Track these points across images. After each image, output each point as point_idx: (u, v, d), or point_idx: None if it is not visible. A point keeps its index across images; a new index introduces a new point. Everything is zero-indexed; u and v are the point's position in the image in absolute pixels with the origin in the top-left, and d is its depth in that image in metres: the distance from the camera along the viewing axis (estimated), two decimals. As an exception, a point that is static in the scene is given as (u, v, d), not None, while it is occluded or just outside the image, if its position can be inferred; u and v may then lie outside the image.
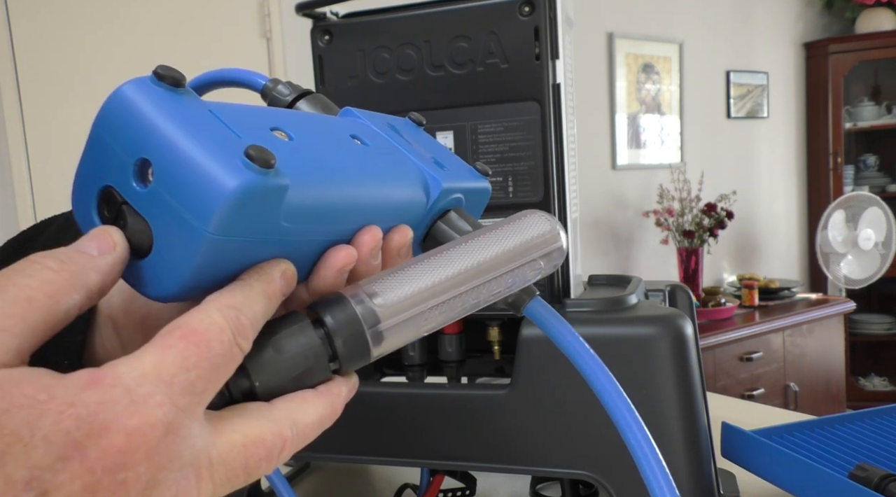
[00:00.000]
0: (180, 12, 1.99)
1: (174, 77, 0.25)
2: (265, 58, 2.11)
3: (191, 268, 0.24)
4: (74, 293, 0.23)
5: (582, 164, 0.66)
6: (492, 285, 0.30)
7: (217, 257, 0.25)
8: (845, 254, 3.14)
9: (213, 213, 0.23)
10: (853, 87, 3.72)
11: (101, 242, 0.25)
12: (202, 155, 0.24)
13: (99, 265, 0.24)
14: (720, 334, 2.63)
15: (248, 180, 0.23)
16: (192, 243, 0.24)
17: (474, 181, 0.37)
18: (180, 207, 0.24)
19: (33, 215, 1.85)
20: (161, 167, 0.24)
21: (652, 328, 0.54)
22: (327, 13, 0.67)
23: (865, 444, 0.67)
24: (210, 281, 0.26)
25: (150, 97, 0.25)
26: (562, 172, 0.62)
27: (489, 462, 0.59)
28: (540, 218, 0.32)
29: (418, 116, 0.38)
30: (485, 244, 0.31)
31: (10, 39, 1.80)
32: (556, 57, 0.61)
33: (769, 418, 0.79)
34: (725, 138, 3.37)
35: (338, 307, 0.27)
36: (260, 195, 0.24)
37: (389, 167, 0.33)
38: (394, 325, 0.28)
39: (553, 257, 0.32)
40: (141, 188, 0.25)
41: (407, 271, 0.29)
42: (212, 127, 0.25)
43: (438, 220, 0.35)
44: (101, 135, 0.25)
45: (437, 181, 0.34)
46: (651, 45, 3.04)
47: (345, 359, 0.28)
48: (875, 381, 3.61)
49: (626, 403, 0.30)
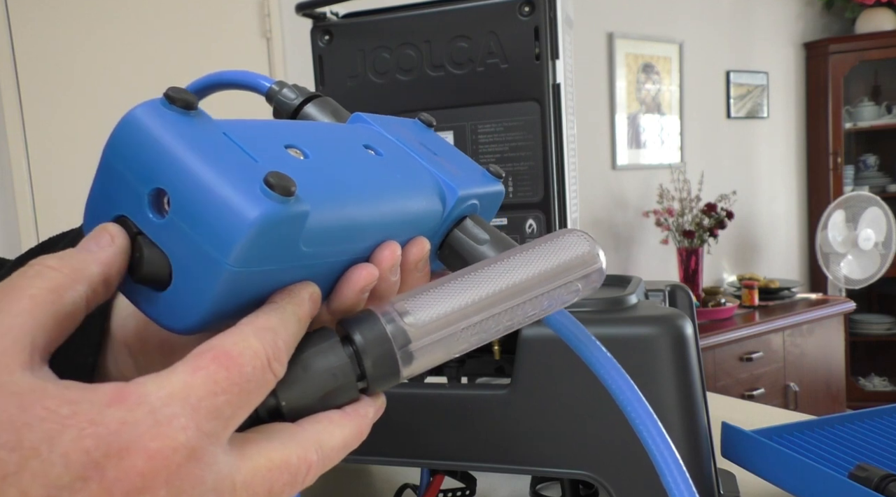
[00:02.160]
0: (180, 12, 1.99)
1: (186, 100, 0.24)
2: (265, 58, 2.11)
3: (211, 300, 0.24)
4: (78, 285, 0.23)
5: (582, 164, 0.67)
6: (526, 307, 0.29)
7: (237, 288, 0.24)
8: (845, 254, 3.14)
9: (233, 245, 0.22)
10: (853, 87, 3.72)
11: (99, 237, 0.24)
12: (221, 184, 0.23)
13: (99, 257, 0.24)
14: (720, 334, 2.63)
15: (269, 210, 0.23)
16: (213, 276, 0.23)
17: (489, 185, 0.36)
18: (199, 239, 0.23)
19: (33, 216, 1.85)
20: (178, 197, 0.23)
21: (652, 328, 0.54)
22: (327, 13, 0.67)
23: (865, 444, 0.67)
24: (230, 311, 0.25)
25: (163, 123, 0.24)
26: (562, 172, 0.62)
27: (489, 462, 0.59)
28: (579, 238, 0.31)
29: (428, 117, 0.38)
30: (521, 264, 0.30)
31: (10, 39, 1.80)
32: (556, 57, 0.61)
33: (769, 418, 0.79)
34: (725, 138, 3.37)
35: (367, 325, 0.27)
36: (281, 224, 0.23)
37: (405, 178, 0.32)
38: (425, 346, 0.27)
39: (592, 279, 0.31)
40: (157, 219, 0.24)
41: (440, 290, 0.28)
42: (228, 152, 0.24)
43: (455, 228, 0.34)
44: (113, 163, 0.24)
45: (454, 189, 0.33)
46: (651, 45, 3.04)
47: (373, 379, 0.27)
48: (875, 381, 3.61)
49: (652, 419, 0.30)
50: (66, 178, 1.83)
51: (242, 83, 0.39)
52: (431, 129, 0.38)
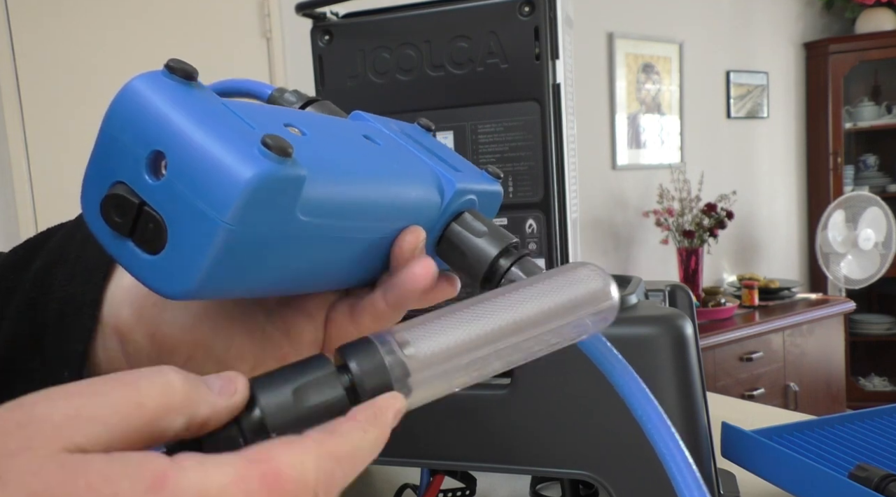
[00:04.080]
0: (180, 12, 1.99)
1: (186, 70, 0.25)
2: (265, 58, 2.11)
3: (207, 262, 0.24)
4: (180, 417, 0.23)
5: (582, 164, 0.67)
6: (532, 343, 0.28)
7: (234, 252, 0.24)
8: (845, 254, 3.14)
9: (231, 202, 0.23)
10: (853, 87, 3.72)
11: (226, 384, 0.24)
12: (218, 144, 0.23)
13: (214, 402, 0.23)
14: (720, 334, 2.63)
15: (266, 169, 0.23)
16: (209, 235, 0.23)
17: (486, 184, 0.37)
18: (196, 198, 0.23)
19: (33, 215, 1.85)
20: (175, 158, 0.23)
21: (652, 328, 0.54)
22: (327, 13, 0.67)
23: (865, 444, 0.67)
24: (227, 279, 0.25)
25: (162, 90, 0.24)
26: (562, 172, 0.62)
27: (489, 462, 0.59)
28: (591, 272, 0.30)
29: (427, 122, 0.38)
30: (529, 297, 0.28)
31: (10, 39, 1.80)
32: (556, 57, 0.61)
33: (769, 418, 0.79)
34: (725, 138, 3.37)
35: (365, 354, 0.26)
36: (278, 184, 0.23)
37: (403, 167, 0.33)
38: (424, 379, 0.26)
39: (603, 316, 0.29)
40: (154, 181, 0.24)
41: (443, 321, 0.27)
42: (226, 118, 0.25)
43: (453, 222, 0.34)
44: (112, 131, 0.25)
45: (451, 181, 0.33)
46: (651, 45, 3.04)
47: None
48: (875, 381, 3.61)
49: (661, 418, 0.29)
50: (66, 177, 1.83)
51: (244, 90, 0.40)
52: (430, 133, 0.38)
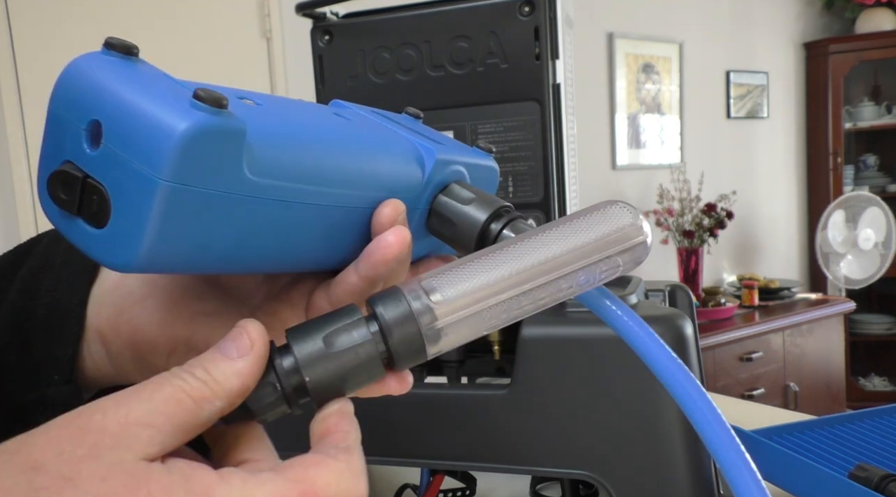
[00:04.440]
0: (180, 12, 1.99)
1: (125, 45, 0.25)
2: (265, 58, 2.11)
3: (151, 225, 0.23)
4: (217, 400, 0.24)
5: (582, 164, 0.67)
6: (561, 283, 0.28)
7: (180, 213, 0.23)
8: (845, 254, 3.13)
9: (164, 157, 0.22)
10: (853, 87, 3.72)
11: (239, 340, 0.25)
12: (149, 102, 0.23)
13: (239, 369, 0.25)
14: (720, 334, 2.62)
15: (198, 120, 0.23)
16: (149, 195, 0.23)
17: (476, 157, 0.36)
18: (132, 159, 0.23)
19: (33, 215, 1.85)
20: (109, 123, 0.23)
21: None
22: (327, 13, 0.67)
23: (865, 444, 0.67)
24: (181, 247, 0.24)
25: (101, 65, 0.24)
26: (562, 172, 0.62)
27: (489, 462, 0.59)
28: (622, 209, 0.29)
29: (415, 110, 0.37)
30: (558, 237, 0.28)
31: (10, 39, 1.80)
32: (556, 57, 0.61)
33: (769, 418, 0.79)
34: (725, 138, 3.37)
35: (392, 302, 0.26)
36: (212, 135, 0.23)
37: (375, 137, 0.32)
38: (451, 323, 0.26)
39: (635, 253, 0.29)
40: (93, 151, 0.24)
41: (470, 266, 0.27)
42: (162, 83, 0.24)
43: (440, 194, 0.33)
44: (56, 111, 0.25)
45: (431, 151, 0.32)
46: (651, 45, 3.04)
47: (398, 357, 0.27)
48: (875, 381, 3.61)
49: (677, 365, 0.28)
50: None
51: None
52: (419, 120, 0.38)
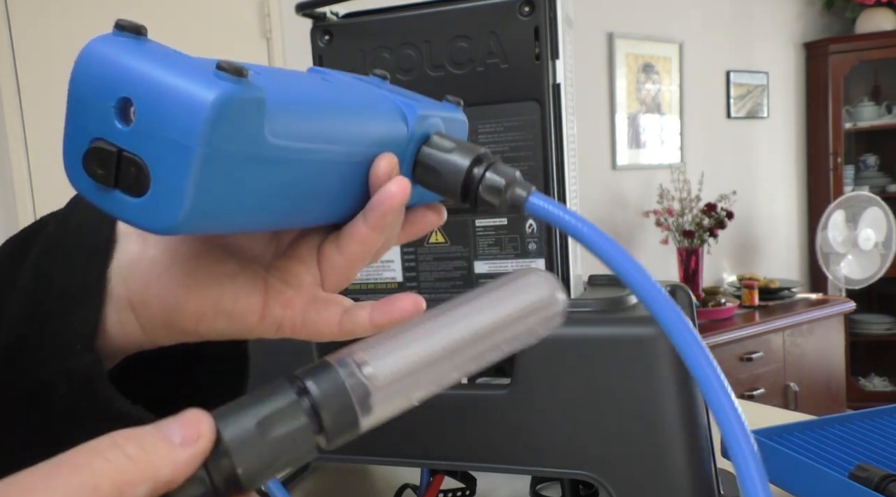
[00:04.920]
0: (180, 12, 1.99)
1: (135, 26, 0.26)
2: (265, 58, 2.11)
3: (190, 188, 0.25)
4: (142, 485, 0.22)
5: (582, 164, 0.66)
6: (486, 353, 0.29)
7: (213, 176, 0.25)
8: (845, 254, 3.13)
9: (198, 125, 0.24)
10: (853, 87, 3.72)
11: (188, 431, 0.24)
12: (178, 76, 0.25)
13: (176, 458, 0.23)
14: (720, 334, 2.63)
15: (225, 89, 0.25)
16: (186, 162, 0.25)
17: (448, 111, 0.38)
18: (167, 130, 0.25)
19: (33, 215, 1.85)
20: (141, 99, 0.25)
21: (652, 328, 0.54)
22: (327, 13, 0.67)
23: (865, 444, 0.67)
24: (214, 209, 0.26)
25: (117, 44, 0.26)
26: (562, 172, 0.62)
27: (489, 462, 0.59)
28: (538, 279, 0.31)
29: (383, 72, 0.39)
30: (479, 309, 0.29)
31: (10, 39, 1.80)
32: (556, 57, 0.61)
33: (769, 418, 0.79)
34: (725, 138, 3.37)
35: (325, 377, 0.26)
36: (239, 102, 0.25)
37: (362, 97, 0.35)
38: (384, 398, 0.26)
39: (552, 322, 0.31)
40: (126, 127, 0.25)
41: (398, 338, 0.28)
42: (180, 58, 0.26)
43: (423, 146, 0.35)
44: (78, 94, 0.27)
45: (412, 107, 0.35)
46: (651, 45, 3.04)
47: (332, 433, 0.26)
48: (875, 381, 3.61)
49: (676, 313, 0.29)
50: (66, 178, 1.83)
51: None
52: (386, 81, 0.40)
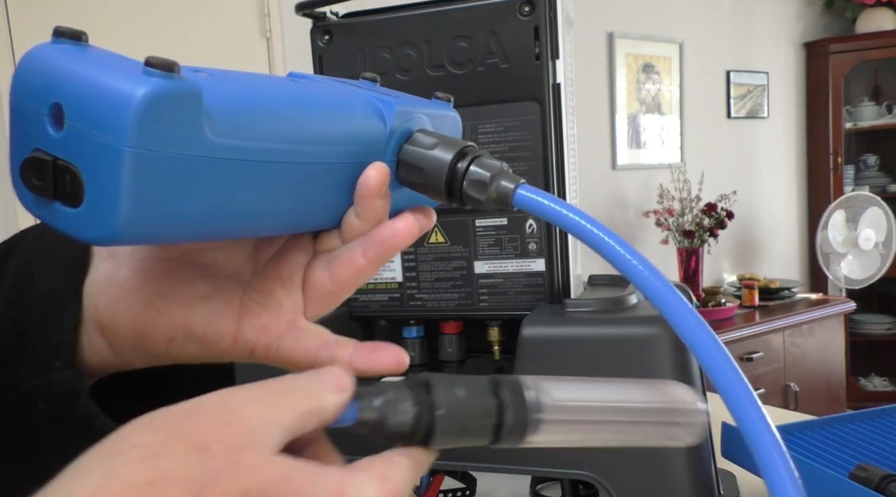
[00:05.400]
0: (180, 12, 1.99)
1: (74, 32, 0.26)
2: (265, 58, 2.11)
3: (125, 194, 0.24)
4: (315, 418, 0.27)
5: (582, 164, 0.66)
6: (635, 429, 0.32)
7: (151, 179, 0.24)
8: (845, 254, 3.13)
9: (124, 124, 0.23)
10: (853, 87, 3.72)
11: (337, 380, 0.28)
12: (105, 78, 0.24)
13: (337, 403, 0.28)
14: (720, 334, 2.61)
15: (152, 85, 0.23)
16: (117, 164, 0.23)
17: (435, 108, 0.36)
18: (96, 133, 0.23)
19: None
20: (70, 103, 0.24)
21: (652, 328, 0.54)
22: (327, 13, 0.67)
23: (865, 444, 0.67)
24: (158, 215, 0.25)
25: (53, 51, 0.25)
26: (562, 172, 0.62)
27: (489, 462, 0.59)
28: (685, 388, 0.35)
29: (373, 75, 0.38)
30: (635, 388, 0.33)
31: (10, 39, 1.80)
32: (556, 57, 0.61)
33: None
34: (725, 138, 3.37)
35: (515, 389, 0.29)
36: (168, 98, 0.24)
37: (335, 95, 0.33)
38: (550, 421, 0.30)
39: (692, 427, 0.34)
40: (58, 134, 0.24)
41: (576, 383, 0.31)
42: (114, 60, 0.25)
43: (405, 144, 0.34)
44: (17, 103, 0.26)
45: (389, 103, 0.33)
46: (651, 45, 3.04)
47: (505, 433, 0.29)
48: (875, 382, 3.61)
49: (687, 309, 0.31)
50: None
51: None
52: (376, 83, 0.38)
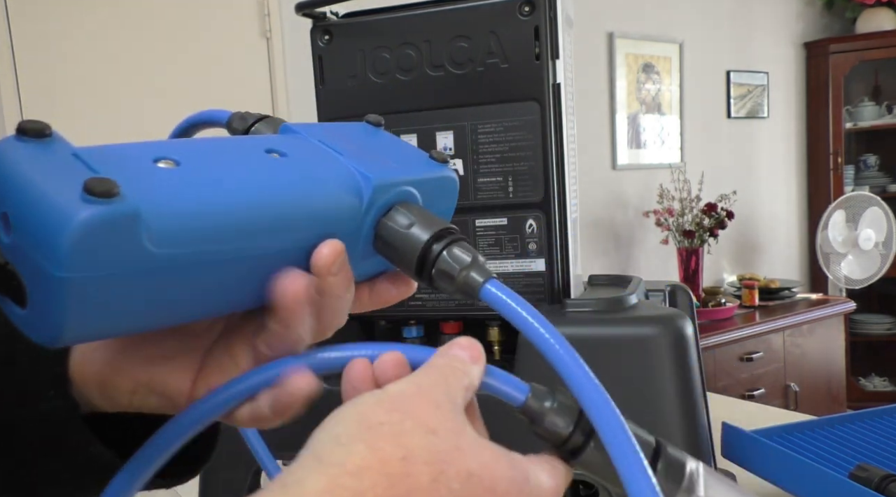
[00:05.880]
0: (180, 12, 1.99)
1: (37, 129, 0.25)
2: (265, 57, 2.11)
3: (64, 311, 0.24)
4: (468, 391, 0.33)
5: (582, 164, 0.67)
6: None
7: (91, 297, 0.24)
8: (845, 254, 3.13)
9: (60, 254, 0.23)
10: (853, 87, 3.72)
11: (473, 352, 0.34)
12: (43, 197, 0.23)
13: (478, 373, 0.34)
14: (720, 334, 2.62)
15: (87, 214, 0.23)
16: (54, 288, 0.23)
17: (428, 171, 0.35)
18: (34, 253, 0.23)
19: None
20: (14, 216, 0.24)
21: (652, 328, 0.54)
22: (327, 13, 0.67)
23: (865, 444, 0.67)
24: (102, 321, 0.25)
25: (11, 153, 0.25)
26: (562, 172, 0.62)
27: (489, 462, 0.59)
28: None
29: (377, 118, 0.37)
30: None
31: (10, 39, 1.80)
32: (556, 57, 0.61)
33: (769, 418, 0.79)
34: (725, 138, 3.37)
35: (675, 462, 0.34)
36: (103, 226, 0.23)
37: (307, 175, 0.31)
38: None
39: None
40: (8, 238, 0.24)
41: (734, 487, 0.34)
42: (66, 169, 0.25)
43: (383, 218, 0.33)
44: None
45: (368, 179, 0.32)
46: (651, 45, 3.04)
47: None
48: (875, 382, 3.61)
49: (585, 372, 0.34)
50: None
51: (204, 121, 0.40)
52: (380, 128, 0.37)
